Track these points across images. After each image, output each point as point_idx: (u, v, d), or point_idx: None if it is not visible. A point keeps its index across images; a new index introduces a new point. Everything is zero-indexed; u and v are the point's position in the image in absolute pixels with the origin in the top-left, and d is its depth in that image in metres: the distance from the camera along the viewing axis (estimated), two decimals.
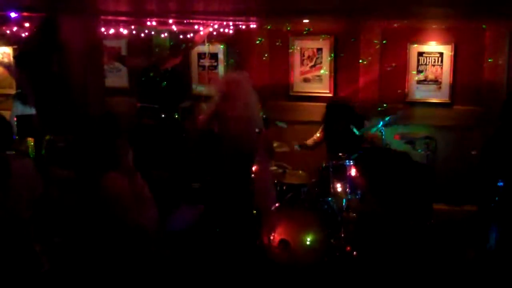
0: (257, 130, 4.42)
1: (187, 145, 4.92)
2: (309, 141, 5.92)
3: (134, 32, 6.30)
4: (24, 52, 4.14)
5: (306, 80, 6.94)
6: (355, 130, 5.31)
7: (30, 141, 4.93)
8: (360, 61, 6.62)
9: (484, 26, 6.17)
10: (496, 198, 4.55)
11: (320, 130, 5.91)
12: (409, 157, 5.38)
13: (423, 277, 4.15)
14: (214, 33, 6.70)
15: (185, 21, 6.06)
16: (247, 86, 4.43)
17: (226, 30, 6.71)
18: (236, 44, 7.11)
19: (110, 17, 5.31)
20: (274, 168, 5.46)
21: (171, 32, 6.67)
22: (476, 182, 5.08)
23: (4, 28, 5.74)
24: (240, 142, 4.33)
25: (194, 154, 4.78)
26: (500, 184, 4.55)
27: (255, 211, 4.66)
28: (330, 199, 5.06)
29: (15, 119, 5.68)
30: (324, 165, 5.28)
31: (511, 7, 4.42)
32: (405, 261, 4.25)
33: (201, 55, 7.27)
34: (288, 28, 6.83)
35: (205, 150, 4.57)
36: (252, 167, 4.63)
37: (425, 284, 4.15)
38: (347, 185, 4.99)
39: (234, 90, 4.39)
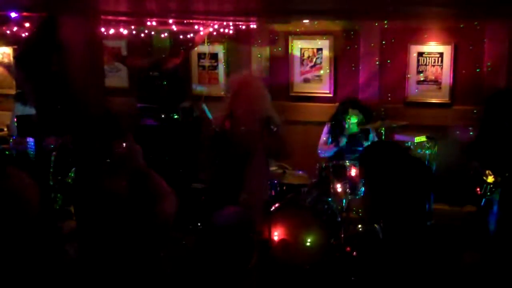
0: (273, 127, 4.38)
1: (201, 145, 4.92)
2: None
3: (134, 32, 6.30)
4: (24, 52, 4.14)
5: (306, 80, 6.94)
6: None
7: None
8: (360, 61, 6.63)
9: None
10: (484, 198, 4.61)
11: (326, 130, 5.89)
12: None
13: (423, 278, 4.14)
14: (214, 33, 6.70)
15: (185, 21, 6.06)
16: (256, 85, 4.42)
17: (226, 30, 6.71)
18: (236, 44, 7.11)
19: (110, 17, 5.31)
20: (274, 168, 5.45)
21: (171, 32, 6.67)
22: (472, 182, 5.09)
23: (4, 28, 5.74)
24: (246, 141, 4.31)
25: (206, 153, 4.77)
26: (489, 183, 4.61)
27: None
28: (330, 199, 5.06)
29: (15, 119, 5.70)
30: (324, 165, 5.28)
31: (511, 7, 4.42)
32: (405, 261, 4.24)
33: (201, 55, 7.27)
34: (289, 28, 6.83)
35: (216, 149, 4.56)
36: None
37: (425, 284, 4.15)
38: (347, 185, 4.99)
39: (242, 90, 4.39)
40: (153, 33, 6.82)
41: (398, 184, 2.04)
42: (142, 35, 6.56)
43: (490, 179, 4.66)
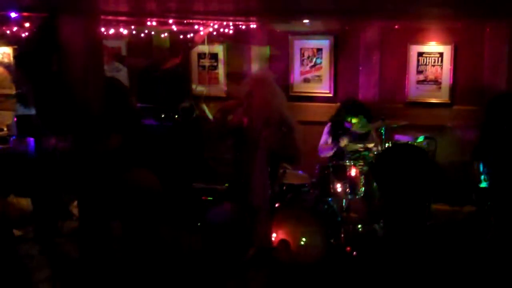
0: (285, 129, 4.41)
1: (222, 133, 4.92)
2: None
3: (134, 32, 6.30)
4: (24, 52, 4.15)
5: (306, 80, 6.94)
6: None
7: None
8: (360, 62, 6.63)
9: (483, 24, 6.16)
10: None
11: (326, 131, 5.89)
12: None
13: (423, 278, 4.14)
14: (214, 33, 6.70)
15: (185, 21, 6.06)
16: (270, 85, 4.44)
17: (226, 30, 6.71)
18: (236, 44, 7.11)
19: (110, 17, 5.31)
20: None
21: (171, 32, 6.67)
22: (474, 183, 5.09)
23: (4, 28, 5.74)
24: (260, 140, 4.32)
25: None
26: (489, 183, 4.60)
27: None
28: (330, 199, 5.06)
29: (15, 119, 5.70)
30: (324, 165, 5.28)
31: (511, 7, 4.42)
32: (405, 261, 4.24)
33: (201, 55, 7.27)
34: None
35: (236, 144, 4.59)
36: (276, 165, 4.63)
37: (425, 284, 4.15)
38: (347, 185, 4.99)
39: (256, 89, 4.40)
40: (153, 33, 6.82)
41: (414, 187, 2.03)
42: (142, 35, 6.56)
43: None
